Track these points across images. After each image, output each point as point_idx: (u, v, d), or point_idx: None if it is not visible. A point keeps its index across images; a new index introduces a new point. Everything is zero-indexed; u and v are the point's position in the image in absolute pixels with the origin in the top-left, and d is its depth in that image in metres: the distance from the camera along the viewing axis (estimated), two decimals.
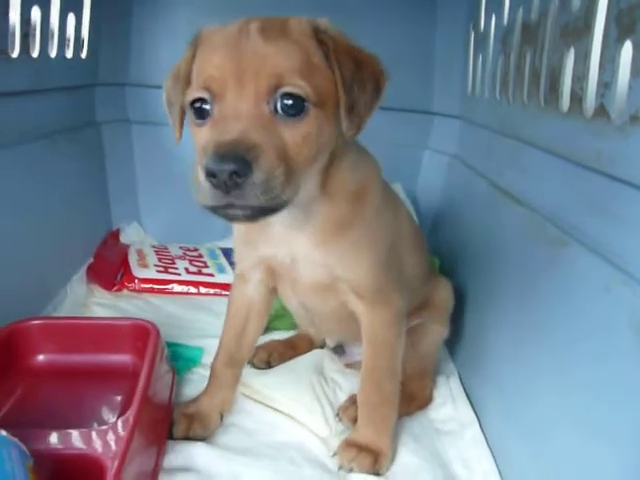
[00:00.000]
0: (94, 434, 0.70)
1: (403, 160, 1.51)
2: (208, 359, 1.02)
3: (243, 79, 0.58)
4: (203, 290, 1.33)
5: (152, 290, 1.31)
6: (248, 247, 0.81)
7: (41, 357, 0.92)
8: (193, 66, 0.66)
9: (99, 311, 1.18)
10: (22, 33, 0.99)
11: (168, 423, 0.84)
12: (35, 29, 1.03)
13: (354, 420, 0.88)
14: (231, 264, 1.42)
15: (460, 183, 1.34)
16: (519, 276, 0.87)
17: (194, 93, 0.62)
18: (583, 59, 0.71)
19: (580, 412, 0.64)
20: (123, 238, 1.51)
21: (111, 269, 1.34)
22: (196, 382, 0.98)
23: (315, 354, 1.06)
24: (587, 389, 0.63)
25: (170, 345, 1.00)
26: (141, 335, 0.90)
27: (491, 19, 1.11)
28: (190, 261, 1.41)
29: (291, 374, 0.98)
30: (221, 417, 0.89)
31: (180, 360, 1.01)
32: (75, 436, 0.70)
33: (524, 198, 0.90)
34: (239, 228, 0.82)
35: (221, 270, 1.39)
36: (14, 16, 0.96)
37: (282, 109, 0.59)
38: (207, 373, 0.99)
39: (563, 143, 0.77)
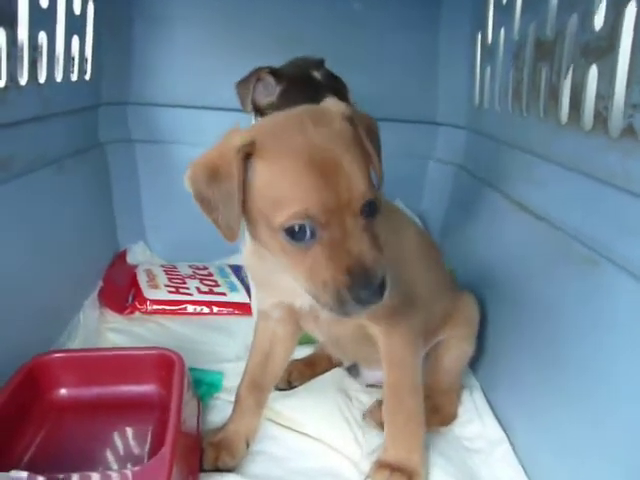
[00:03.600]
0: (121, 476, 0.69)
1: (408, 171, 1.51)
2: (228, 383, 1.02)
3: (342, 205, 0.62)
4: (216, 310, 1.32)
5: (164, 312, 1.30)
6: (266, 293, 0.84)
7: (63, 391, 0.90)
8: (255, 175, 0.64)
9: (113, 337, 1.17)
10: (30, 60, 0.97)
11: (199, 454, 0.83)
12: (42, 54, 1.01)
13: (380, 423, 0.89)
14: (242, 282, 1.41)
15: (469, 194, 1.34)
16: (544, 292, 0.86)
17: (293, 220, 0.62)
18: (607, 79, 0.71)
19: (612, 432, 0.65)
20: (130, 258, 1.50)
21: (122, 292, 1.32)
22: (220, 408, 0.97)
23: (335, 373, 1.06)
24: (616, 410, 0.64)
25: (190, 371, 0.99)
26: (165, 365, 0.89)
27: (499, 32, 1.12)
28: (201, 280, 1.40)
29: (315, 395, 0.98)
30: (247, 444, 0.88)
31: (202, 386, 1.00)
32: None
33: (543, 213, 0.90)
34: (255, 275, 0.85)
35: (233, 289, 1.38)
36: (22, 43, 0.94)
37: (366, 215, 0.65)
38: (230, 397, 0.98)
39: (586, 160, 0.78)
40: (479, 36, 1.27)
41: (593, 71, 0.75)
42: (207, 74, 1.47)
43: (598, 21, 0.73)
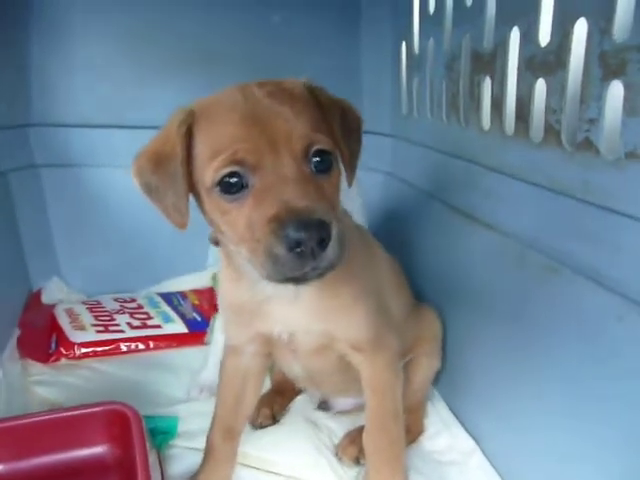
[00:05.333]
0: None
1: None
2: (184, 426, 0.95)
3: (277, 145, 0.57)
4: (152, 344, 1.23)
5: (95, 354, 1.18)
6: (241, 327, 0.78)
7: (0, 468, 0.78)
8: (196, 143, 0.61)
9: (42, 391, 1.04)
10: None
11: None
12: None
13: (355, 458, 0.88)
14: (175, 310, 1.33)
15: (402, 201, 1.35)
16: (503, 300, 0.88)
17: (222, 170, 0.58)
18: (558, 93, 0.73)
19: (589, 428, 0.67)
20: (45, 298, 1.35)
21: (42, 337, 1.18)
22: (178, 457, 0.90)
23: (300, 403, 1.02)
24: (584, 411, 0.66)
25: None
26: (116, 420, 0.80)
27: (427, 43, 1.13)
28: (130, 314, 1.29)
29: (282, 430, 0.94)
30: None
31: (157, 435, 0.91)
32: None
33: (492, 222, 0.92)
34: (228, 310, 0.80)
35: (167, 319, 1.29)
36: None
37: (315, 167, 0.60)
38: (188, 443, 0.92)
39: (537, 172, 0.80)
40: (403, 46, 1.28)
41: (540, 85, 0.77)
42: (117, 91, 1.37)
43: (543, 36, 0.75)
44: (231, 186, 0.58)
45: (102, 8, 1.32)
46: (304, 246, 0.54)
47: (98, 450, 0.82)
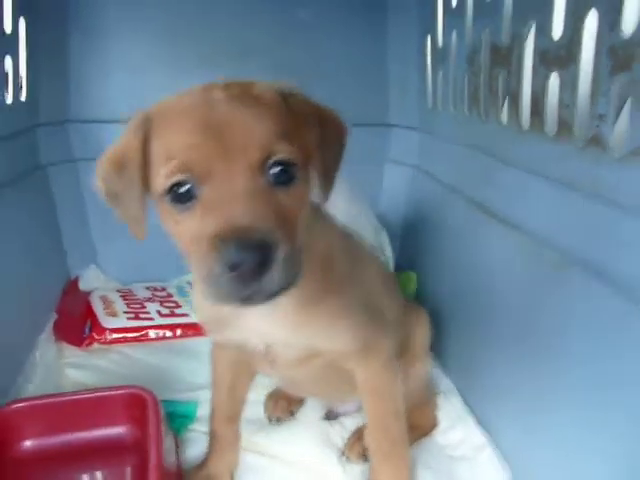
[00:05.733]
0: None
1: (365, 173, 1.50)
2: (202, 411, 0.99)
3: (230, 154, 0.53)
4: (180, 332, 1.27)
5: (125, 340, 1.24)
6: (214, 332, 0.76)
7: (28, 443, 0.84)
8: (152, 148, 0.58)
9: (74, 374, 1.10)
10: None
11: None
12: None
13: (362, 456, 0.88)
14: None
15: (427, 195, 1.35)
16: (517, 296, 0.87)
17: (171, 178, 0.54)
18: (569, 88, 0.72)
19: (597, 424, 0.66)
20: (83, 285, 1.42)
21: (77, 323, 1.25)
22: (196, 440, 0.94)
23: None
24: (594, 409, 0.65)
25: (162, 403, 0.95)
26: (137, 404, 0.84)
27: (451, 36, 1.12)
28: (160, 302, 1.35)
29: (299, 424, 0.97)
30: (232, 478, 0.86)
31: (175, 419, 0.96)
32: None
33: (506, 216, 0.91)
34: (202, 312, 0.75)
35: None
36: None
37: (274, 178, 0.55)
38: (204, 428, 0.95)
39: (551, 166, 0.79)
40: (428, 39, 1.27)
41: (554, 79, 0.76)
42: (151, 89, 1.39)
43: (556, 30, 0.74)
44: (181, 196, 0.54)
45: (136, 6, 1.36)
46: (242, 268, 0.50)
47: (119, 430, 0.87)
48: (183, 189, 0.54)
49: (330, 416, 1.00)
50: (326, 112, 0.64)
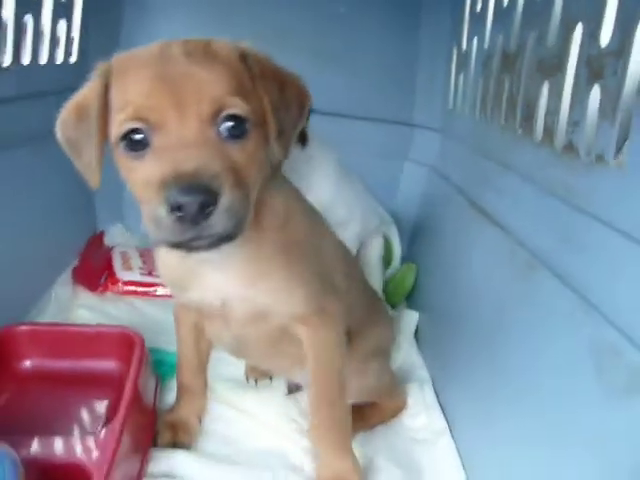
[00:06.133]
0: (79, 441, 0.73)
1: (384, 169, 1.55)
2: None
3: (182, 105, 0.56)
4: None
5: (135, 292, 1.33)
6: (176, 293, 0.80)
7: (28, 362, 0.94)
8: (110, 97, 0.61)
9: (84, 314, 1.20)
10: (14, 42, 1.00)
11: (152, 430, 0.87)
12: (26, 37, 1.04)
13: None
14: None
15: (438, 196, 1.38)
16: (491, 293, 0.91)
17: (125, 125, 0.57)
18: (556, 95, 0.75)
19: (550, 430, 0.69)
20: (107, 240, 1.53)
21: (96, 271, 1.35)
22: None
23: None
24: (549, 408, 0.68)
25: (154, 351, 1.02)
26: (126, 343, 0.93)
27: (473, 41, 1.15)
28: None
29: (273, 391, 1.02)
30: (200, 422, 0.92)
31: (164, 366, 1.03)
32: (60, 443, 0.73)
33: (501, 221, 0.93)
34: (163, 271, 0.79)
35: None
36: (7, 24, 0.97)
37: (226, 132, 0.58)
38: None
39: (536, 171, 0.81)
40: (455, 42, 1.30)
41: (546, 86, 0.79)
42: None
43: (551, 38, 0.77)
44: (135, 143, 0.57)
45: None
46: (184, 211, 0.52)
47: (110, 364, 0.95)
48: (137, 137, 0.57)
49: (293, 389, 1.03)
50: (287, 75, 0.66)
